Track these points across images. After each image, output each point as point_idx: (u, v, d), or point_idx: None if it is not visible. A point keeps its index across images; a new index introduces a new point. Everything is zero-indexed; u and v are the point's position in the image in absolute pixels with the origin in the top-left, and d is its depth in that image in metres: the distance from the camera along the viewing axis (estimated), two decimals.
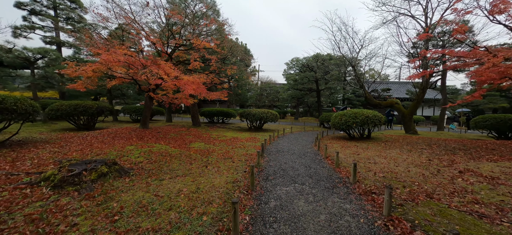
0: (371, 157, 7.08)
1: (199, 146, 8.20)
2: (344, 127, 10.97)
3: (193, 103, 16.57)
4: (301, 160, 6.91)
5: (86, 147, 6.97)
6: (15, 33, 18.84)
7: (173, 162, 5.67)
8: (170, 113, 21.08)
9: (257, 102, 39.12)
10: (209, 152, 7.21)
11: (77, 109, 11.99)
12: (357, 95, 32.05)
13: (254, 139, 10.79)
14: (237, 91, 16.13)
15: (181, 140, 9.08)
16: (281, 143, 10.18)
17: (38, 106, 7.93)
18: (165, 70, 7.59)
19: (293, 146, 9.49)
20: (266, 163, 6.40)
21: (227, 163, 5.99)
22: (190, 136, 10.47)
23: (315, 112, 35.80)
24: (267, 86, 40.62)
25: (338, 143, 10.28)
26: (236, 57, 13.58)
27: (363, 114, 10.57)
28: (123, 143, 7.65)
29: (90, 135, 9.27)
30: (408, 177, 5.03)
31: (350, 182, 4.87)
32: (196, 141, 9.30)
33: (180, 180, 4.46)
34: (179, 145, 8.01)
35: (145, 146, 7.00)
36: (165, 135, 9.92)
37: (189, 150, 7.23)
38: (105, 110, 12.93)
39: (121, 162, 5.34)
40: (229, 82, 14.56)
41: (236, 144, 9.15)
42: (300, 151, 8.49)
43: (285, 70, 31.77)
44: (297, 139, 11.73)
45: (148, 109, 10.88)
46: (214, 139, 10.00)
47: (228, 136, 11.30)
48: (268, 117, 14.57)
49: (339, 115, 11.45)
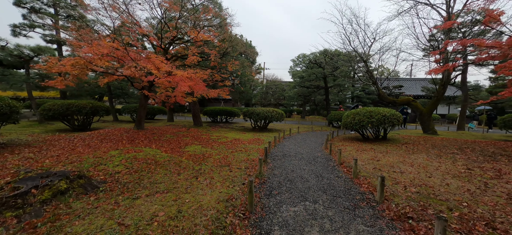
0: (395, 163, 5.99)
1: (194, 149, 7.28)
2: (357, 127, 9.86)
3: (194, 102, 15.72)
4: (311, 167, 5.89)
5: (66, 152, 6.16)
6: (14, 31, 18.39)
7: (158, 171, 4.76)
8: (171, 113, 20.34)
9: (262, 100, 38.10)
10: (204, 158, 6.28)
11: (70, 109, 11.32)
12: (367, 92, 30.62)
13: (257, 141, 9.81)
14: (240, 89, 15.09)
15: (176, 143, 8.20)
16: (288, 145, 9.17)
17: (17, 107, 7.22)
18: (155, 65, 6.71)
19: (301, 149, 8.47)
20: (269, 172, 5.42)
21: (223, 172, 5.04)
22: (187, 138, 9.59)
23: (322, 111, 34.49)
24: (273, 84, 39.54)
25: (352, 145, 9.18)
26: (238, 52, 12.57)
27: (379, 113, 9.43)
28: (109, 147, 6.81)
29: (78, 137, 8.51)
30: (449, 194, 3.95)
31: (376, 200, 3.83)
32: (192, 143, 8.40)
33: (159, 199, 3.53)
34: (172, 149, 7.12)
35: (132, 151, 6.13)
36: (160, 137, 9.06)
37: (181, 155, 6.32)
38: (100, 110, 12.21)
39: (94, 172, 4.47)
40: (232, 80, 13.58)
41: (237, 146, 8.20)
42: (309, 155, 7.46)
43: (291, 68, 30.62)
44: (305, 140, 10.69)
45: (143, 108, 10.06)
46: (213, 141, 9.08)
47: (229, 137, 10.37)
48: (273, 116, 13.56)
49: (351, 114, 10.34)
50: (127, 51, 6.93)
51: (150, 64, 6.68)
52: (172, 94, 8.30)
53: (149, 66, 6.60)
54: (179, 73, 7.29)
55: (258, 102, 39.10)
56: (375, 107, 10.16)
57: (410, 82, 34.87)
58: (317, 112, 35.91)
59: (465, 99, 17.08)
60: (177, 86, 7.19)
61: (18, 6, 19.49)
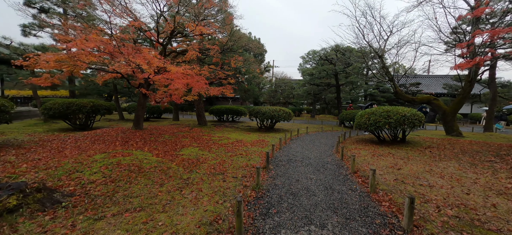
0: (420, 173, 5.05)
1: (190, 153, 6.64)
2: (372, 128, 8.86)
3: (198, 100, 15.17)
4: (320, 176, 5.06)
5: (51, 155, 5.68)
6: (24, 31, 18.62)
7: (139, 181, 4.12)
8: (177, 111, 19.96)
9: (271, 99, 37.21)
10: (198, 163, 5.60)
11: (70, 108, 11.04)
12: (381, 90, 29.06)
13: (261, 142, 9.06)
14: (244, 86, 14.30)
15: (172, 145, 7.60)
16: (294, 148, 8.35)
17: (6, 106, 6.86)
18: (146, 59, 6.12)
19: (309, 152, 7.63)
20: (270, 182, 4.65)
21: (214, 183, 4.33)
22: (186, 139, 8.99)
23: (333, 110, 33.16)
24: (282, 82, 38.55)
25: (366, 148, 8.23)
26: (242, 47, 11.81)
27: (398, 113, 8.40)
28: (98, 149, 6.30)
29: (73, 138, 8.11)
30: (500, 220, 3.03)
31: (402, 227, 2.98)
32: (190, 145, 7.77)
33: (127, 220, 2.87)
34: (166, 152, 6.51)
35: (119, 154, 5.57)
36: (157, 138, 8.51)
37: (173, 160, 5.68)
38: (101, 109, 11.89)
39: (66, 181, 3.89)
40: (237, 77, 12.87)
41: (237, 149, 7.48)
42: (318, 159, 6.62)
43: (300, 65, 29.53)
44: (313, 142, 9.81)
45: (141, 107, 9.56)
46: (213, 143, 8.42)
47: (231, 138, 9.68)
48: (280, 115, 12.74)
49: (365, 114, 9.35)
50: (118, 45, 6.37)
51: (141, 58, 6.09)
52: (167, 92, 7.69)
53: (138, 61, 6.01)
54: (173, 69, 6.66)
55: (267, 101, 38.26)
56: (393, 106, 9.12)
57: (428, 79, 32.84)
58: (327, 111, 34.61)
59: (494, 97, 15.48)
60: (171, 83, 6.56)
61: (28, 6, 19.71)
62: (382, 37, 14.90)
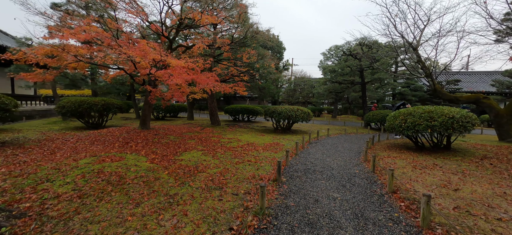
0: (489, 198, 3.65)
1: (190, 158, 5.79)
2: (410, 132, 7.34)
3: (211, 99, 14.48)
4: (346, 195, 3.89)
5: (38, 158, 5.16)
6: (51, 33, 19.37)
7: (112, 198, 3.30)
8: (191, 111, 19.56)
9: (289, 98, 35.79)
10: (196, 172, 4.71)
11: (81, 106, 10.91)
12: (412, 88, 26.33)
13: (275, 146, 7.99)
14: (257, 83, 13.21)
15: (175, 147, 6.83)
16: (313, 153, 7.17)
17: (7, 104, 6.59)
18: (142, 50, 5.39)
19: (331, 160, 6.41)
20: (280, 201, 3.60)
21: (207, 202, 3.38)
22: (193, 140, 8.22)
23: (356, 110, 30.87)
24: (301, 81, 36.94)
25: (402, 156, 6.78)
26: (255, 39, 10.74)
27: (444, 114, 6.83)
28: (91, 151, 5.71)
29: (75, 138, 7.72)
30: None
31: None
32: (194, 148, 6.94)
33: None
34: (163, 156, 5.73)
35: (108, 159, 4.88)
36: (161, 139, 7.83)
37: (167, 167, 4.85)
38: (112, 107, 11.66)
39: (27, 195, 3.19)
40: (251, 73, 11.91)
41: (246, 154, 6.50)
42: (343, 170, 5.40)
43: (321, 62, 27.78)
44: (336, 147, 8.51)
45: (148, 106, 8.99)
46: (221, 146, 7.53)
47: (242, 141, 8.73)
48: (297, 116, 11.54)
49: (400, 115, 7.84)
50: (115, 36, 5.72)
51: (136, 50, 5.37)
52: (170, 89, 6.95)
53: (132, 53, 5.29)
54: (174, 62, 5.86)
55: (285, 100, 36.91)
56: (437, 106, 7.51)
57: (468, 76, 29.20)
58: (350, 111, 32.33)
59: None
60: (167, 78, 5.76)
61: (54, 9, 20.53)
62: (417, 26, 13.02)
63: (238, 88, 10.93)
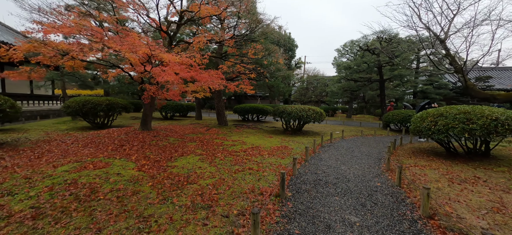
0: None
1: (185, 164, 5.17)
2: (442, 136, 6.25)
3: (218, 97, 13.92)
4: (367, 219, 3.05)
5: (17, 163, 4.74)
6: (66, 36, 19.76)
7: (72, 219, 2.70)
8: (199, 110, 19.16)
9: (301, 97, 34.65)
10: (185, 183, 4.06)
11: (85, 106, 10.72)
12: (436, 86, 24.31)
13: (283, 150, 7.20)
14: (264, 80, 12.35)
15: (171, 151, 6.24)
16: (326, 159, 6.30)
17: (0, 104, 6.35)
18: (131, 44, 4.83)
19: (347, 168, 5.53)
20: (281, 227, 2.84)
21: (188, 228, 2.69)
22: (194, 142, 7.62)
23: (373, 109, 29.14)
24: (314, 79, 35.66)
25: (433, 165, 5.75)
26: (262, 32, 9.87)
27: (484, 115, 5.71)
28: (80, 155, 5.25)
29: (72, 139, 7.39)
30: None
31: None
32: (193, 152, 6.33)
33: None
34: (156, 162, 5.15)
35: (91, 166, 4.36)
36: (159, 142, 7.30)
37: (155, 176, 4.24)
38: (117, 107, 11.40)
39: None
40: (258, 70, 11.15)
41: (248, 160, 5.78)
42: (361, 182, 4.53)
43: (335, 58, 26.51)
44: (351, 151, 7.56)
45: (149, 106, 8.52)
46: (222, 149, 6.86)
47: (247, 143, 8.02)
48: (309, 116, 10.64)
49: (429, 115, 6.77)
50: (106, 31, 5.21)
51: (125, 45, 4.82)
52: (165, 87, 6.36)
53: (118, 47, 4.74)
54: (166, 57, 5.25)
55: (297, 99, 35.83)
56: (475, 106, 6.37)
57: (499, 72, 26.60)
58: (366, 110, 30.62)
59: None
60: (159, 75, 5.15)
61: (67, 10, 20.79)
62: (445, 16, 11.65)
63: (245, 87, 10.22)
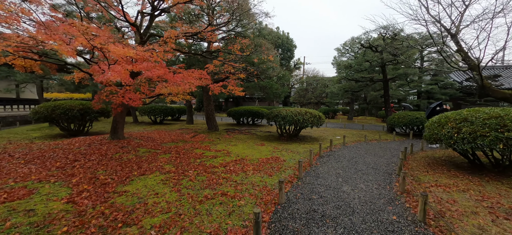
0: None
1: (140, 189, 3.99)
2: (467, 146, 5.03)
3: (208, 101, 12.76)
4: None
5: None
6: None
7: None
8: (191, 114, 18.01)
9: (301, 99, 33.48)
10: (122, 223, 2.88)
11: (55, 112, 9.57)
12: (441, 86, 23.12)
13: (273, 163, 6.00)
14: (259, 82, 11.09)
15: (132, 169, 5.06)
16: (324, 175, 5.11)
17: None
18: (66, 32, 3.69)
19: (350, 188, 4.33)
20: None
21: None
22: (167, 155, 6.43)
23: (375, 110, 27.91)
24: (313, 80, 34.50)
25: (459, 185, 4.54)
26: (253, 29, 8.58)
27: None
28: (14, 175, 4.09)
29: (27, 149, 6.21)
30: None
31: None
32: (160, 168, 5.15)
33: None
34: (101, 187, 3.97)
35: (3, 195, 3.18)
36: (124, 155, 6.11)
37: (85, 212, 3.07)
38: (91, 112, 10.22)
39: None
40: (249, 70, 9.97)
41: (226, 180, 4.59)
42: (370, 213, 3.31)
43: (335, 58, 25.34)
44: (355, 162, 6.36)
45: (120, 112, 7.35)
46: (198, 164, 5.67)
47: (232, 154, 6.83)
48: (306, 120, 9.45)
49: (449, 120, 5.56)
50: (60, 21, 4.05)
51: (57, 35, 3.65)
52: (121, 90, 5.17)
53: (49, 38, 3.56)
54: (114, 50, 4.07)
55: (296, 101, 34.68)
56: (506, 108, 5.17)
57: (509, 71, 25.36)
58: (368, 112, 29.39)
59: None
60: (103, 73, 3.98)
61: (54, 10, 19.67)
62: (456, 7, 10.48)
63: (233, 88, 9.05)
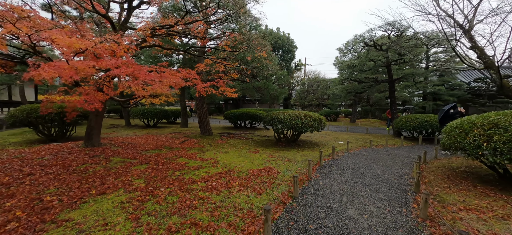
0: None
1: (87, 216, 3.13)
2: (501, 159, 4.11)
3: (200, 103, 11.90)
4: None
5: None
6: None
7: None
8: (185, 117, 17.17)
9: (302, 100, 32.56)
10: None
11: (31, 115, 8.78)
12: (449, 87, 22.12)
13: (265, 176, 5.11)
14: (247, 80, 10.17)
15: (92, 186, 4.20)
16: (325, 192, 4.22)
17: None
18: None
19: (356, 213, 3.43)
20: None
21: None
22: (145, 165, 5.58)
23: (379, 113, 26.92)
24: (314, 81, 33.63)
25: (497, 208, 3.62)
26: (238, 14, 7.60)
27: None
28: None
29: None
30: None
31: None
32: (127, 184, 4.29)
33: None
34: (36, 215, 3.12)
35: None
36: (91, 166, 5.26)
37: None
38: None
39: None
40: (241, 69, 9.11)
41: (203, 202, 3.71)
42: None
43: (337, 58, 24.47)
44: (362, 174, 5.46)
45: (94, 115, 6.53)
46: (177, 178, 4.80)
47: (219, 165, 5.95)
48: (305, 124, 8.57)
49: (474, 126, 4.64)
50: None
51: None
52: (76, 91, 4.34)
53: None
54: (59, 39, 3.22)
55: (297, 103, 33.81)
56: None
57: None
58: (371, 114, 28.37)
59: None
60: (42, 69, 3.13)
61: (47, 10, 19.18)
62: (469, 1, 9.60)
63: (225, 89, 8.20)
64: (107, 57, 3.98)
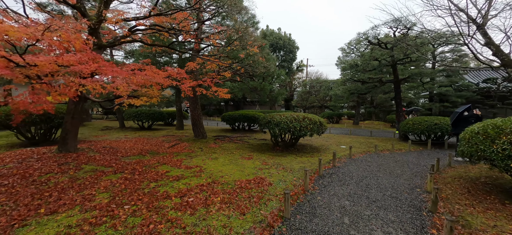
0: None
1: None
2: None
3: (194, 104, 11.25)
4: None
5: None
6: None
7: None
8: (181, 119, 16.54)
9: (303, 102, 31.84)
10: None
11: (9, 117, 8.23)
12: (456, 88, 21.20)
13: (254, 188, 4.42)
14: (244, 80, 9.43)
15: (46, 200, 3.55)
16: (323, 212, 3.51)
17: None
18: None
19: (363, 234, 2.74)
20: None
21: None
22: (118, 175, 4.92)
23: (382, 114, 26.03)
24: (316, 82, 32.91)
25: None
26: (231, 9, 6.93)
27: None
28: None
29: None
30: None
31: None
32: (86, 200, 3.63)
33: None
34: None
35: None
36: (54, 176, 4.61)
37: None
38: (55, 118, 8.83)
39: None
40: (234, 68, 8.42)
41: (172, 224, 3.03)
42: None
43: (339, 58, 23.65)
44: (367, 187, 4.73)
45: (70, 117, 5.91)
46: (148, 192, 4.13)
47: (204, 174, 5.27)
48: (304, 128, 7.85)
49: (501, 132, 3.91)
50: None
51: None
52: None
53: None
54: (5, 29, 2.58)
55: (299, 104, 33.11)
56: None
57: None
58: (375, 116, 27.45)
59: None
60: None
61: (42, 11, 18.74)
62: None
63: (217, 89, 7.54)
64: (57, 51, 3.35)
